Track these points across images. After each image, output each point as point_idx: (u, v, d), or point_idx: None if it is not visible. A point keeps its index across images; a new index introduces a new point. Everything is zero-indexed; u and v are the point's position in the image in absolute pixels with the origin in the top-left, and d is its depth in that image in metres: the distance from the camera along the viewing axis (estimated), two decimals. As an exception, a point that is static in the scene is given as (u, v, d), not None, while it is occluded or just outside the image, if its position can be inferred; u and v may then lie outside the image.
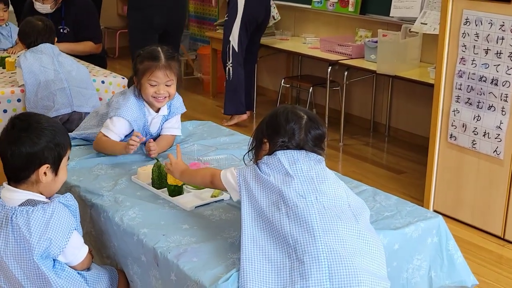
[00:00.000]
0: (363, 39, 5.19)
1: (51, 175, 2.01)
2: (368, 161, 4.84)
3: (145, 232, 2.08)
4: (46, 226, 1.93)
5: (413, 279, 2.19)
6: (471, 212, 3.65)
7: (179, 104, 2.92)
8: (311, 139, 2.03)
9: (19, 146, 1.95)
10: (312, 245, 1.82)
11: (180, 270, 1.89)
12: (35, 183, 1.99)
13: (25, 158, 1.95)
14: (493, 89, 3.37)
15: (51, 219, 1.94)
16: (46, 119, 2.06)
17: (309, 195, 1.92)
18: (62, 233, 1.96)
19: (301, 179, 1.95)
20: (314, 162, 2.01)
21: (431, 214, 2.24)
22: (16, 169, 1.97)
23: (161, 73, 2.67)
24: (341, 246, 1.83)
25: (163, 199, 2.34)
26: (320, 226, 1.86)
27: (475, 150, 3.53)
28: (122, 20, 8.94)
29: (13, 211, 1.95)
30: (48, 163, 1.98)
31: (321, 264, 1.79)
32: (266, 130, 2.06)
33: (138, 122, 2.77)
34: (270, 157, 2.01)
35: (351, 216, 1.93)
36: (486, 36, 3.36)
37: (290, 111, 2.05)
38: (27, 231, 1.92)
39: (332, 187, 1.98)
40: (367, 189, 2.42)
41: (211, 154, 2.74)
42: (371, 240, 1.92)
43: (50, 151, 1.98)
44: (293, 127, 2.01)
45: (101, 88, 4.12)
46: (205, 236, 2.06)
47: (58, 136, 2.01)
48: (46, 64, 3.79)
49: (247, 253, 1.86)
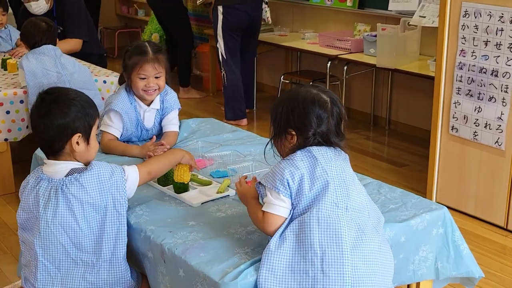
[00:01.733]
0: (362, 34, 5.20)
1: (84, 144, 2.06)
2: (370, 154, 4.86)
3: (152, 229, 2.09)
4: (100, 183, 2.03)
5: (419, 270, 2.20)
6: (474, 204, 3.67)
7: (174, 100, 2.95)
8: (336, 125, 1.90)
9: (51, 118, 2.01)
10: (339, 260, 1.77)
11: (188, 266, 1.90)
12: (71, 153, 2.05)
13: (57, 129, 2.01)
14: (494, 80, 3.39)
15: (100, 174, 2.03)
16: (74, 91, 2.12)
17: (341, 203, 1.83)
18: (117, 178, 2.06)
19: (336, 183, 1.85)
20: (344, 161, 1.93)
21: (436, 205, 2.25)
22: (50, 141, 2.04)
23: (150, 66, 2.74)
24: (365, 264, 1.80)
25: (169, 196, 2.35)
26: (349, 240, 1.79)
27: (477, 141, 3.54)
28: (121, 20, 8.95)
29: (61, 182, 2.02)
30: (79, 132, 2.04)
31: (346, 281, 1.76)
32: (292, 119, 1.89)
33: (130, 115, 2.82)
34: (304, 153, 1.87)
35: (372, 228, 1.88)
36: (486, 28, 3.38)
37: (313, 96, 1.88)
38: (86, 195, 2.00)
39: (359, 193, 1.90)
40: (371, 182, 2.43)
41: (215, 151, 2.76)
42: (387, 252, 1.90)
43: (80, 121, 2.04)
44: (321, 115, 1.87)
45: (103, 88, 4.14)
46: (211, 232, 2.07)
47: (86, 106, 2.08)
48: (49, 67, 3.81)
49: (269, 261, 1.80)
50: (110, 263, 2.07)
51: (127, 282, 2.11)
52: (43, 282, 2.06)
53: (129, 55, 2.78)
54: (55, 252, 2.04)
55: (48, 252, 2.04)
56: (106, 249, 2.05)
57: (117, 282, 2.09)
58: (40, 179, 2.06)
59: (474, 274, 2.27)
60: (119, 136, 2.83)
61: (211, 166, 2.62)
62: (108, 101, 2.87)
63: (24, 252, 2.15)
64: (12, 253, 3.33)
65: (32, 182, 2.09)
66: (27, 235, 2.09)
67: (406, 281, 2.19)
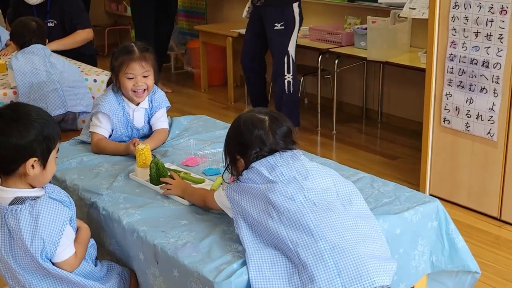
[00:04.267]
0: (352, 27, 5.19)
1: (39, 168, 1.95)
2: (362, 148, 4.86)
3: (145, 230, 2.07)
4: (35, 225, 1.90)
5: (420, 266, 2.20)
6: (467, 195, 3.67)
7: (162, 98, 2.93)
8: (280, 138, 2.00)
9: (7, 137, 1.90)
10: (313, 245, 1.80)
11: (181, 266, 1.89)
12: (23, 176, 1.94)
13: (12, 150, 1.90)
14: (485, 71, 3.38)
15: (39, 216, 1.90)
16: (37, 111, 1.99)
17: (297, 196, 1.90)
18: (54, 229, 1.92)
19: (284, 182, 1.93)
20: (292, 160, 1.99)
21: (429, 198, 2.25)
22: (4, 161, 1.93)
23: (137, 65, 2.73)
24: (341, 238, 1.82)
25: (162, 195, 2.34)
26: (316, 224, 1.84)
27: (469, 132, 3.54)
28: (110, 18, 8.91)
29: (4, 211, 1.93)
30: (36, 156, 1.93)
31: (327, 262, 1.78)
32: (235, 147, 2.04)
33: (118, 115, 2.81)
34: (248, 171, 1.99)
35: (341, 206, 1.93)
36: (476, 19, 3.37)
37: (250, 118, 2.02)
38: (19, 231, 1.90)
39: (317, 180, 1.97)
40: (364, 177, 2.43)
41: (207, 148, 2.74)
42: (367, 224, 1.92)
43: (38, 144, 1.92)
44: (259, 134, 1.98)
45: (93, 87, 4.11)
46: (204, 231, 2.06)
47: (47, 128, 1.95)
48: (38, 66, 3.78)
49: (255, 265, 1.83)
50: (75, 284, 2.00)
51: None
52: None
53: (116, 56, 2.77)
54: (18, 279, 1.98)
55: (13, 277, 1.99)
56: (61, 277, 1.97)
57: None
58: None
59: (470, 268, 2.26)
60: (107, 136, 2.82)
61: (204, 164, 2.61)
62: (95, 103, 2.86)
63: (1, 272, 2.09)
64: None
65: None
66: None
67: (413, 280, 2.19)
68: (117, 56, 2.76)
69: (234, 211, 1.97)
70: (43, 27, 3.98)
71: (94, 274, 2.08)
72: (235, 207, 1.97)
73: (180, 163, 2.62)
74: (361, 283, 1.76)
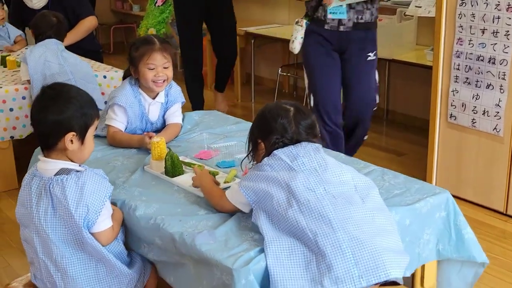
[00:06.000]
0: (358, 25, 5.23)
1: (78, 143, 2.05)
2: (369, 144, 4.89)
3: (162, 218, 2.12)
4: (81, 193, 2.00)
5: (423, 253, 2.25)
6: (473, 190, 3.72)
7: (177, 93, 2.97)
8: (303, 129, 2.05)
9: (46, 113, 2.01)
10: (332, 235, 1.84)
11: (199, 253, 1.94)
12: (63, 150, 2.05)
13: (51, 125, 2.01)
14: (491, 68, 3.43)
15: (85, 185, 2.00)
16: (76, 90, 2.11)
17: (317, 187, 1.95)
18: (98, 198, 2.02)
19: (306, 173, 1.97)
20: (313, 152, 2.03)
21: (439, 190, 2.30)
22: (45, 136, 2.04)
23: (158, 55, 2.75)
24: (360, 231, 1.87)
25: (178, 187, 2.39)
26: (335, 215, 1.88)
27: (475, 128, 3.59)
28: (116, 16, 8.97)
29: (50, 181, 2.02)
30: (74, 131, 2.03)
31: (345, 252, 1.82)
32: (258, 131, 2.11)
33: (134, 108, 2.84)
34: (270, 158, 2.03)
35: (359, 200, 1.97)
36: (482, 16, 3.42)
37: (276, 107, 2.08)
38: (64, 199, 1.99)
39: (336, 174, 2.01)
40: (375, 169, 2.47)
41: (220, 142, 2.79)
42: (383, 217, 1.97)
43: (76, 120, 2.03)
44: (282, 122, 2.04)
45: (103, 83, 4.17)
46: (220, 220, 2.10)
47: (85, 105, 2.07)
48: (50, 59, 3.85)
49: (273, 253, 1.86)
50: (104, 262, 2.08)
51: (127, 275, 2.14)
52: (49, 280, 2.07)
53: (135, 47, 2.79)
54: (51, 251, 2.04)
55: (45, 250, 2.05)
56: (94, 252, 2.05)
57: (117, 276, 2.11)
58: (33, 176, 2.08)
59: (476, 259, 2.29)
60: (123, 130, 2.86)
61: (217, 157, 2.65)
62: (112, 95, 2.89)
63: (27, 250, 2.16)
64: (18, 247, 3.36)
65: (28, 178, 2.10)
66: (27, 232, 2.11)
67: (414, 265, 2.23)
68: (138, 46, 2.78)
69: (250, 200, 2.01)
70: (63, 24, 4.05)
71: (122, 256, 2.15)
72: (252, 197, 2.00)
73: (194, 156, 2.67)
74: (377, 274, 1.81)
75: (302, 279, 1.83)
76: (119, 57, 7.81)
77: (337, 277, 1.80)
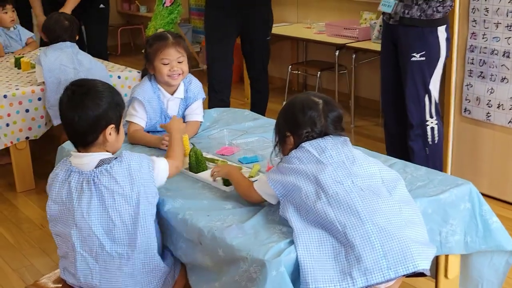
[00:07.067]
0: (368, 22, 5.26)
1: (115, 134, 2.11)
2: (381, 140, 4.89)
3: (190, 213, 2.15)
4: (130, 174, 2.06)
5: (447, 243, 2.26)
6: (488, 183, 3.74)
7: (198, 89, 2.99)
8: (331, 122, 2.07)
9: (85, 110, 2.04)
10: (360, 227, 1.86)
11: (228, 246, 1.96)
12: (102, 144, 2.09)
13: (92, 121, 2.04)
14: (505, 61, 3.45)
15: (130, 165, 2.07)
16: (100, 82, 2.15)
17: (345, 180, 1.97)
18: (146, 169, 2.10)
19: (334, 166, 1.99)
20: (341, 145, 2.06)
21: (462, 181, 2.31)
22: (84, 133, 2.07)
23: (172, 50, 2.80)
24: (388, 222, 1.89)
25: (203, 182, 2.41)
26: (364, 207, 1.90)
27: (490, 122, 3.61)
28: (123, 17, 8.99)
29: (92, 174, 2.05)
30: (113, 123, 2.08)
31: (374, 244, 1.84)
32: (286, 124, 2.10)
33: (152, 104, 2.88)
34: (298, 150, 2.05)
35: (386, 192, 1.99)
36: (496, 10, 3.44)
37: (306, 100, 2.09)
38: (117, 186, 2.04)
39: (363, 167, 2.03)
40: (396, 162, 2.50)
41: (241, 138, 2.82)
42: (410, 209, 1.99)
43: (112, 111, 2.08)
44: (312, 115, 2.05)
45: (117, 83, 4.20)
46: (247, 214, 2.13)
47: (115, 95, 2.12)
48: (66, 63, 3.87)
49: (303, 245, 1.88)
50: (145, 254, 2.11)
51: (161, 269, 2.17)
52: (84, 273, 2.10)
53: (149, 44, 2.85)
54: (92, 244, 2.07)
55: (85, 244, 2.08)
56: (140, 240, 2.08)
57: (152, 270, 2.14)
58: (70, 172, 2.09)
59: (504, 247, 2.30)
60: (144, 125, 2.89)
61: (238, 153, 2.68)
62: (132, 91, 2.94)
63: (60, 244, 2.18)
64: (39, 246, 3.39)
65: (62, 174, 2.11)
66: (61, 227, 2.13)
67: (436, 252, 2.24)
68: (151, 43, 2.84)
69: (278, 193, 2.03)
70: (75, 25, 4.08)
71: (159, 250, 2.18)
72: (280, 190, 2.03)
73: (215, 152, 2.70)
74: (405, 266, 1.83)
75: (331, 270, 1.85)
76: (127, 58, 7.84)
77: (366, 268, 1.82)
